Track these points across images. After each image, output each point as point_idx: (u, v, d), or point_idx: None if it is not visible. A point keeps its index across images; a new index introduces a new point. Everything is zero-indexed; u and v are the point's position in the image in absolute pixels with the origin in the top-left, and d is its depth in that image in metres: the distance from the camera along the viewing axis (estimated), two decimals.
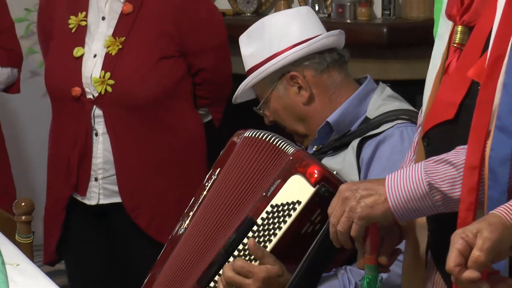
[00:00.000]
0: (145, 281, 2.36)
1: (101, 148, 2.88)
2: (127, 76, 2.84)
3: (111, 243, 2.98)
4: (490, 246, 1.46)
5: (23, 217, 2.51)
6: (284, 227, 2.04)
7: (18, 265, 2.09)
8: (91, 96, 2.86)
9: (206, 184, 2.30)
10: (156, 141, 2.89)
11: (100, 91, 2.83)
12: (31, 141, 4.01)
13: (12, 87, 3.22)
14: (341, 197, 1.72)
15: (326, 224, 1.87)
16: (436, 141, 1.74)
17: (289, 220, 2.03)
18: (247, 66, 2.38)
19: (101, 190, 2.90)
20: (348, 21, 3.60)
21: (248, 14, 3.86)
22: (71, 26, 2.90)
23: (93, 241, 2.99)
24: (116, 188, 2.89)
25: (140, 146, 2.88)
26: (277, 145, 2.15)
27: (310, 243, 1.98)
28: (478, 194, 1.57)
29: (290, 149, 2.11)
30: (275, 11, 3.70)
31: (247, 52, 2.37)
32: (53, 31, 2.96)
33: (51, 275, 2.26)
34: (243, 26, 2.81)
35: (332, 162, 2.23)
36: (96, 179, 2.90)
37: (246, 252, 2.07)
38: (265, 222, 2.06)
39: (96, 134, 2.88)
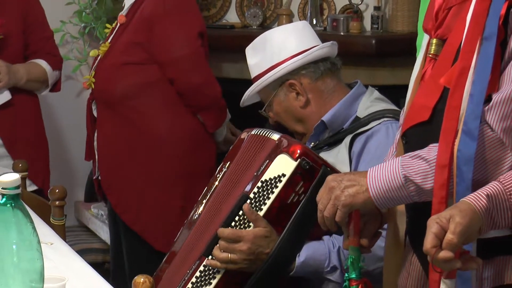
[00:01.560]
0: (164, 259, 2.37)
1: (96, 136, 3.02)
2: (102, 75, 2.96)
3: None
4: (461, 229, 1.46)
5: (57, 202, 2.52)
6: (272, 196, 2.07)
7: (52, 244, 2.11)
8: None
9: (218, 175, 2.31)
10: (128, 134, 2.93)
11: (89, 86, 3.00)
12: (66, 134, 4.03)
13: (55, 86, 3.25)
14: (327, 186, 1.73)
15: (307, 193, 1.96)
16: (413, 140, 1.73)
17: (276, 191, 2.06)
18: (253, 74, 2.40)
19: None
20: (342, 33, 3.57)
21: (255, 27, 3.83)
22: (106, 30, 3.12)
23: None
24: None
25: (116, 135, 2.95)
26: (271, 137, 2.18)
27: (295, 211, 2.03)
28: (448, 189, 1.57)
29: (277, 136, 2.15)
30: (278, 25, 3.68)
31: (252, 62, 2.39)
32: None
33: (81, 253, 2.27)
34: (250, 37, 2.80)
35: (327, 156, 2.23)
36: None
37: (242, 222, 2.10)
38: (257, 196, 2.09)
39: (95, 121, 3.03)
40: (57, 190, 2.52)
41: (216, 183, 2.29)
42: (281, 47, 2.33)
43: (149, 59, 2.89)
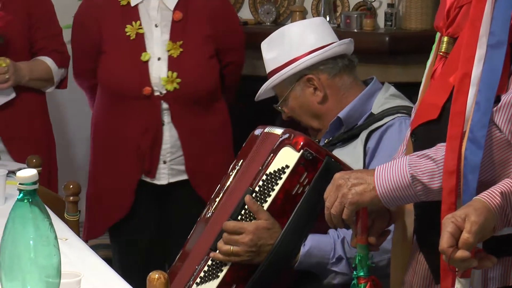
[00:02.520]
0: (178, 256, 2.39)
1: (168, 135, 2.96)
2: (191, 74, 2.94)
3: (170, 219, 3.04)
4: (477, 228, 1.47)
5: (71, 198, 2.55)
6: (277, 188, 2.09)
7: (66, 239, 2.13)
8: (158, 93, 2.94)
9: (231, 173, 2.33)
10: (207, 124, 3.00)
11: (169, 89, 2.92)
12: (74, 130, 4.05)
13: (62, 83, 3.27)
14: (335, 184, 1.74)
15: (311, 183, 1.97)
16: (422, 138, 1.74)
17: (280, 182, 2.08)
18: (268, 69, 2.40)
19: (169, 171, 2.98)
20: (355, 30, 3.60)
21: (268, 24, 3.86)
22: (129, 33, 2.95)
23: (152, 218, 3.04)
24: (182, 167, 2.99)
25: (198, 129, 2.98)
26: (274, 132, 2.19)
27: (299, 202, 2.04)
28: (457, 195, 1.58)
29: (280, 130, 2.17)
30: (291, 21, 3.71)
31: (268, 56, 2.39)
32: (105, 39, 2.98)
33: (94, 248, 2.30)
34: (263, 34, 2.83)
35: (343, 153, 2.25)
36: (164, 162, 2.98)
37: (247, 216, 2.12)
38: (262, 189, 2.11)
39: (163, 124, 2.96)
40: (71, 186, 2.55)
41: (229, 181, 2.30)
42: (299, 42, 2.33)
43: (215, 50, 3.01)
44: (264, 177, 2.10)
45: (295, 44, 2.34)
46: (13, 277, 1.49)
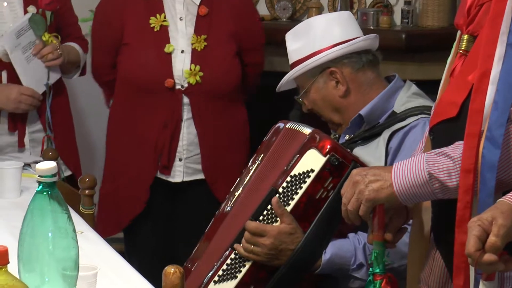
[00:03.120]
0: (194, 251, 2.39)
1: (186, 132, 2.95)
2: (215, 69, 2.93)
3: (184, 218, 3.01)
4: (504, 232, 1.46)
5: (87, 191, 2.56)
6: (300, 192, 2.08)
7: (82, 232, 2.15)
8: (180, 87, 2.93)
9: (251, 168, 2.33)
10: (227, 124, 2.99)
11: (191, 82, 2.91)
12: (94, 123, 4.06)
13: (83, 70, 3.29)
14: (352, 180, 1.75)
15: (336, 189, 1.95)
16: (440, 136, 1.75)
17: (305, 186, 2.07)
18: (292, 60, 2.39)
19: (185, 169, 2.96)
20: (371, 27, 3.59)
21: (284, 20, 3.86)
22: (153, 25, 2.94)
23: (168, 215, 3.02)
24: (198, 166, 2.96)
25: (218, 128, 2.96)
26: (304, 132, 2.18)
27: (323, 207, 2.04)
28: (473, 194, 1.58)
29: (308, 131, 2.15)
30: (307, 18, 3.71)
31: (292, 48, 2.38)
32: (127, 31, 2.98)
33: (109, 241, 2.31)
34: (280, 30, 2.84)
35: (364, 151, 2.25)
36: (180, 159, 2.96)
37: (270, 216, 2.12)
38: (285, 190, 2.10)
39: (182, 120, 2.94)
40: (87, 179, 2.57)
41: (249, 175, 2.31)
42: (324, 34, 2.32)
43: (237, 49, 3.00)
44: (288, 179, 2.10)
45: (320, 36, 2.33)
46: (31, 268, 1.51)
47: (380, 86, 2.33)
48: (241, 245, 2.15)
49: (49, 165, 1.49)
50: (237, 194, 2.32)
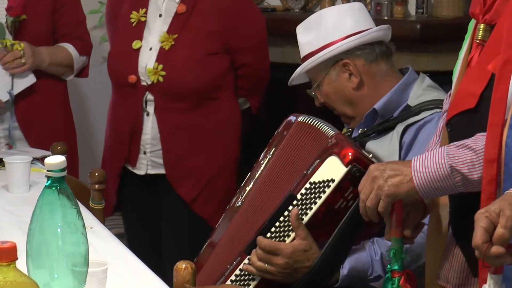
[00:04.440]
0: (204, 246, 2.38)
1: (150, 126, 2.94)
2: (177, 69, 2.89)
3: (154, 208, 3.04)
4: None
5: (97, 186, 2.55)
6: (319, 202, 2.04)
7: (91, 228, 2.13)
8: (145, 83, 2.92)
9: (262, 162, 2.31)
10: (197, 122, 2.94)
11: (153, 80, 2.89)
12: (99, 120, 4.05)
13: (83, 72, 3.27)
14: (370, 176, 1.72)
15: (357, 200, 1.87)
16: (458, 128, 1.72)
17: (324, 196, 2.03)
18: (303, 53, 2.37)
19: (149, 162, 2.97)
20: (385, 18, 3.56)
21: (297, 10, 3.84)
22: (132, 20, 2.95)
23: (139, 205, 3.06)
24: (161, 161, 2.96)
25: (183, 126, 2.93)
26: (321, 129, 2.15)
27: (342, 218, 1.99)
28: (497, 184, 1.56)
29: (330, 132, 2.11)
30: (320, 8, 3.68)
31: (304, 40, 2.36)
32: (118, 24, 3.02)
33: (119, 237, 2.30)
34: (292, 21, 2.81)
35: (377, 145, 2.23)
36: (144, 153, 2.97)
37: (286, 223, 2.08)
38: (304, 197, 2.06)
39: (148, 114, 2.94)
40: (96, 174, 2.55)
41: (261, 169, 2.28)
42: (336, 26, 2.30)
43: (222, 48, 2.94)
44: (307, 185, 2.06)
45: (332, 28, 2.31)
46: (40, 264, 1.50)
47: (393, 78, 2.31)
48: (250, 263, 2.11)
49: (58, 160, 1.48)
50: (248, 188, 2.30)
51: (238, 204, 2.31)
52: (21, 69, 3.01)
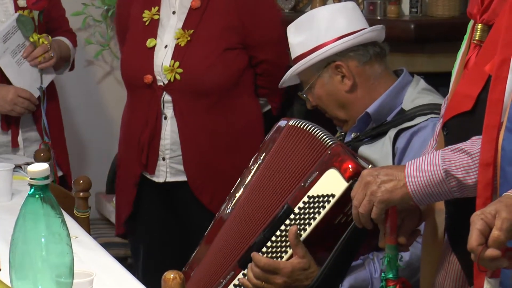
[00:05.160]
0: (193, 255, 2.38)
1: (169, 130, 2.90)
2: (195, 66, 2.86)
3: (175, 217, 2.99)
4: (508, 226, 1.44)
5: (81, 194, 2.55)
6: (318, 218, 2.02)
7: (76, 237, 2.13)
8: (161, 83, 2.88)
9: (252, 168, 2.30)
10: (218, 124, 2.91)
11: (170, 79, 2.85)
12: (87, 122, 4.06)
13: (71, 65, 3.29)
14: (363, 181, 1.72)
15: None
16: (455, 131, 1.73)
17: (323, 212, 2.01)
18: (294, 54, 2.36)
19: (168, 169, 2.92)
20: (378, 17, 3.57)
21: (287, 11, 3.85)
22: (145, 19, 2.93)
23: (159, 215, 3.00)
24: (181, 167, 2.91)
25: (204, 128, 2.89)
26: (316, 136, 2.13)
27: (341, 233, 1.97)
28: (493, 189, 1.56)
29: (329, 142, 2.09)
30: (311, 9, 3.69)
31: (295, 41, 2.35)
32: (129, 24, 2.99)
33: (105, 246, 2.30)
34: (282, 21, 2.81)
35: (370, 150, 2.22)
36: (163, 159, 2.91)
37: (283, 239, 2.07)
38: (302, 212, 2.05)
39: (165, 118, 2.89)
40: (81, 181, 2.54)
41: (250, 175, 2.27)
42: (329, 27, 2.29)
43: (240, 43, 2.91)
44: (305, 199, 2.04)
45: (324, 28, 2.30)
46: (23, 275, 1.50)
47: (388, 80, 2.31)
48: (249, 271, 2.09)
49: (41, 167, 1.48)
50: (237, 195, 2.29)
51: (227, 211, 2.30)
52: (50, 63, 3.04)
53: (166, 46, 2.89)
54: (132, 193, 2.97)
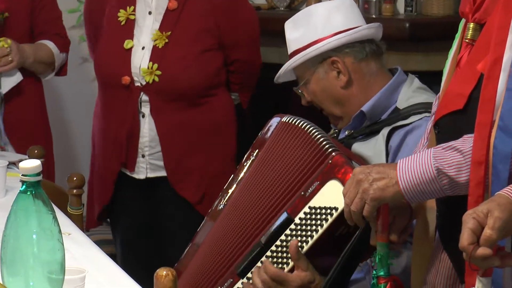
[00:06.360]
0: (185, 252, 2.37)
1: (147, 128, 2.92)
2: (173, 68, 2.87)
3: (153, 212, 3.02)
4: (501, 225, 1.45)
5: (75, 191, 2.55)
6: (321, 231, 1.98)
7: (70, 234, 2.13)
8: (139, 84, 2.89)
9: (245, 164, 2.29)
10: (195, 121, 2.93)
11: (148, 81, 2.86)
12: (77, 122, 4.05)
13: (61, 70, 3.27)
14: (355, 179, 1.72)
15: (360, 229, 1.84)
16: (446, 129, 1.73)
17: (326, 225, 1.98)
18: (291, 49, 2.36)
19: (148, 165, 2.95)
20: (373, 16, 3.58)
21: (282, 9, 3.85)
22: (120, 19, 2.93)
23: (136, 210, 3.03)
24: (161, 163, 2.94)
25: (182, 125, 2.92)
26: (314, 138, 2.08)
27: (343, 243, 1.95)
28: (485, 187, 1.56)
29: (329, 149, 2.03)
30: (306, 6, 3.69)
31: (292, 36, 2.35)
32: (103, 23, 2.99)
33: (99, 243, 2.29)
34: (277, 20, 2.81)
35: (363, 148, 2.22)
36: (143, 156, 2.94)
37: (284, 249, 2.05)
38: (303, 223, 2.02)
39: (143, 116, 2.91)
40: (74, 178, 2.55)
41: (244, 171, 2.27)
42: (326, 22, 2.29)
43: (216, 44, 2.93)
44: (306, 209, 2.00)
45: (321, 24, 2.30)
46: (15, 272, 1.49)
47: (384, 78, 2.31)
48: (255, 277, 2.06)
49: (33, 164, 1.47)
50: (230, 191, 2.28)
51: (220, 208, 2.29)
52: (9, 67, 3.02)
53: (143, 48, 2.91)
54: (109, 190, 3.00)
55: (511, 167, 1.56)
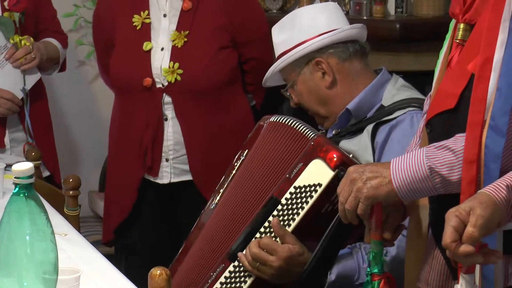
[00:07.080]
0: (180, 250, 2.36)
1: (171, 131, 2.87)
2: (194, 65, 2.85)
3: (175, 218, 2.95)
4: (482, 222, 1.45)
5: (71, 192, 2.53)
6: (306, 207, 2.02)
7: (66, 235, 2.12)
8: (160, 85, 2.86)
9: (235, 164, 2.29)
10: (217, 122, 2.90)
11: (170, 80, 2.83)
12: (77, 123, 4.04)
13: (62, 66, 3.25)
14: (349, 178, 1.72)
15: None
16: (438, 129, 1.72)
17: (311, 201, 2.01)
18: (278, 52, 2.37)
19: (172, 170, 2.89)
20: (365, 17, 3.57)
21: (274, 11, 3.84)
22: (135, 23, 2.89)
23: (157, 215, 2.96)
24: (185, 167, 2.89)
25: (205, 127, 2.88)
26: (298, 129, 2.14)
27: (329, 221, 1.98)
28: (477, 185, 1.56)
29: (311, 135, 2.10)
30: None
31: (278, 40, 2.36)
32: (117, 31, 2.95)
33: (95, 244, 2.28)
34: (270, 22, 2.79)
35: (349, 145, 2.22)
36: (167, 160, 2.89)
37: (271, 229, 2.06)
38: (289, 202, 2.04)
39: (166, 119, 2.87)
40: (71, 180, 2.53)
41: (234, 171, 2.27)
42: (310, 24, 2.31)
43: (231, 42, 2.91)
44: (292, 190, 2.04)
45: (305, 26, 2.31)
46: (8, 273, 1.48)
47: (368, 77, 2.31)
48: (244, 253, 2.09)
49: (25, 166, 1.47)
50: (221, 191, 2.29)
51: (211, 207, 2.30)
52: (32, 64, 3.01)
53: (162, 49, 2.88)
54: (132, 197, 2.91)
55: (502, 166, 1.55)
